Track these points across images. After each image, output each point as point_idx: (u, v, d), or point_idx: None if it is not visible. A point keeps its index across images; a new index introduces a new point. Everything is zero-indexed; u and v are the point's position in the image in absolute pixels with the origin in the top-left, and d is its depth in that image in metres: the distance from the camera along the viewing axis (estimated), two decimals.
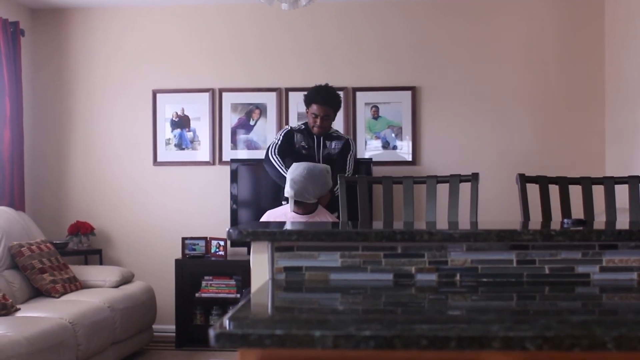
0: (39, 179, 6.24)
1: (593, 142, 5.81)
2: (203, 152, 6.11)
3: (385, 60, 5.99)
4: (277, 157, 4.80)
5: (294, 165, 4.22)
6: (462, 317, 1.65)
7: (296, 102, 5.96)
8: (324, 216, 4.23)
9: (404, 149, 5.94)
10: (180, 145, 6.13)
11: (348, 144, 4.97)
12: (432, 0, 5.94)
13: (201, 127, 6.11)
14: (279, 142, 4.88)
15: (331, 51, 6.02)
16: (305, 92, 4.96)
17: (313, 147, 4.89)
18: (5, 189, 5.64)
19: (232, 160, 5.77)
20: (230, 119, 6.08)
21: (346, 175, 4.81)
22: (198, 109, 6.12)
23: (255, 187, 5.76)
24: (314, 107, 4.82)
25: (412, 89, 5.93)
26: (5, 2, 5.85)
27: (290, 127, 5.01)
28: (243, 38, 6.09)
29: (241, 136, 6.04)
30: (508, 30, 5.91)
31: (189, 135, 6.13)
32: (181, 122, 6.13)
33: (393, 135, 5.94)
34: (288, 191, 4.06)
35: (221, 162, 6.08)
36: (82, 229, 5.93)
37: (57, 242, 5.66)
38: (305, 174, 4.08)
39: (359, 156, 5.90)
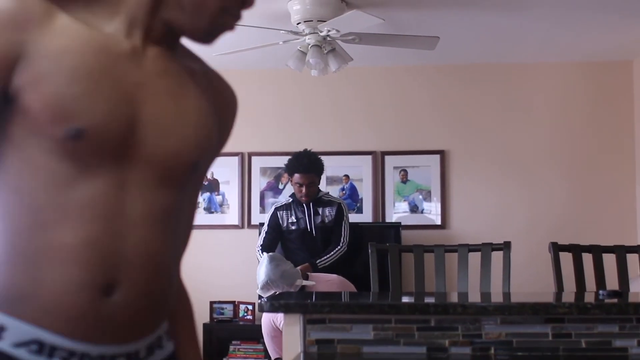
0: None
1: (624, 206, 5.76)
2: (232, 215, 6.13)
3: (413, 124, 6.02)
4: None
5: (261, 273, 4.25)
6: None
7: (326, 165, 5.96)
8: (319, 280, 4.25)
9: (433, 212, 5.92)
10: (209, 209, 6.17)
11: (341, 209, 4.85)
12: (459, 65, 5.99)
13: (230, 191, 6.15)
14: (265, 236, 4.82)
15: (355, 116, 6.04)
16: (286, 162, 4.88)
17: (304, 218, 4.78)
18: None
19: (261, 224, 5.77)
20: (259, 183, 6.12)
21: (342, 242, 4.77)
22: (227, 172, 6.16)
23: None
24: (297, 177, 4.72)
25: (441, 152, 5.94)
26: None
27: (275, 208, 4.92)
28: (270, 102, 6.15)
29: (270, 199, 6.05)
30: (536, 94, 5.93)
31: (218, 199, 6.17)
32: (210, 186, 6.18)
33: (421, 198, 5.93)
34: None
35: (250, 225, 6.09)
36: None
37: None
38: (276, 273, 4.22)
39: (387, 220, 5.89)
